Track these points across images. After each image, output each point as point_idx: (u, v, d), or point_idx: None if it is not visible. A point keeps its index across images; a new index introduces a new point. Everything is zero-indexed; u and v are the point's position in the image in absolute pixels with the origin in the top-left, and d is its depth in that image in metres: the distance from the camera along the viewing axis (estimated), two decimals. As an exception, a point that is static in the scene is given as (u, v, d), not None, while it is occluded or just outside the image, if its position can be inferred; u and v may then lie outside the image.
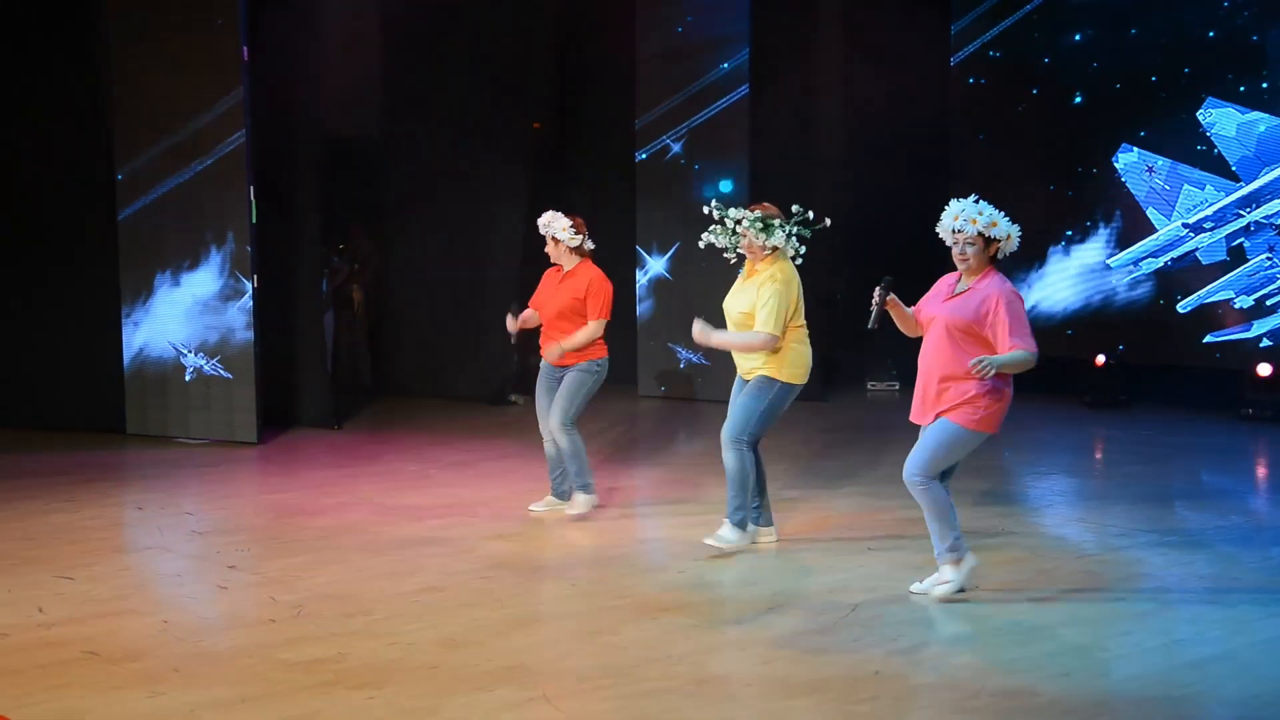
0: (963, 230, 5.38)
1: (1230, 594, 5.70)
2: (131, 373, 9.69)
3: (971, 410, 5.36)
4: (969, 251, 5.39)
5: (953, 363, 5.36)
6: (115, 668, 4.80)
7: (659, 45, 11.59)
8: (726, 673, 4.76)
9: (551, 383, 7.13)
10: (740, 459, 6.27)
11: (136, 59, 9.45)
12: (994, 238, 5.37)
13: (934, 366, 5.44)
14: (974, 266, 5.42)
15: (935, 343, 5.44)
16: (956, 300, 5.41)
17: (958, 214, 5.40)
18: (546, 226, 7.11)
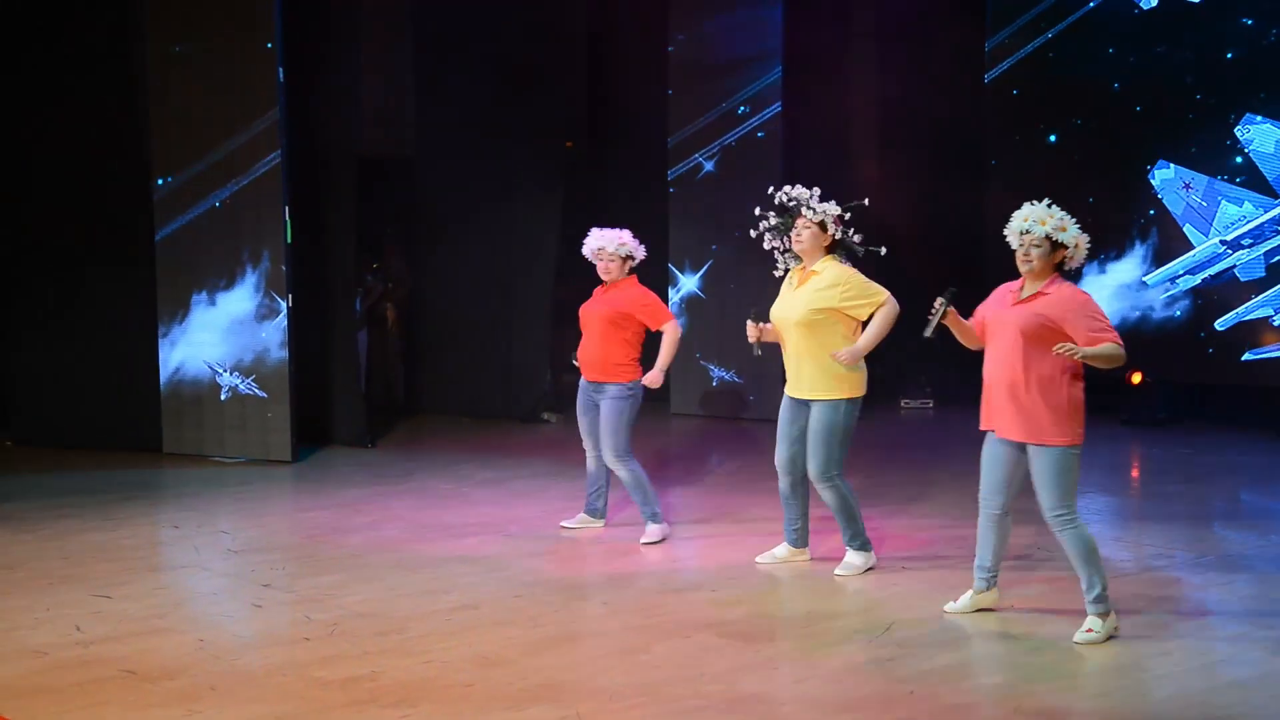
0: (1030, 232, 5.21)
1: (1270, 615, 5.63)
2: (168, 392, 9.77)
3: (1066, 426, 5.19)
4: (1034, 254, 5.21)
5: (1025, 370, 5.18)
6: (152, 686, 4.83)
7: (691, 63, 11.61)
8: (760, 692, 4.74)
9: (589, 402, 7.04)
10: (837, 492, 6.14)
11: (174, 79, 9.56)
12: (1061, 243, 5.21)
13: (1004, 374, 5.26)
14: (1038, 270, 5.23)
15: (1006, 350, 5.25)
16: (1026, 305, 5.23)
17: (1027, 215, 5.25)
18: (631, 250, 6.96)
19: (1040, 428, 5.22)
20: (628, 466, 6.92)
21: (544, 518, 7.61)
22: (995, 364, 5.33)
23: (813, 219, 6.08)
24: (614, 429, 6.88)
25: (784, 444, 6.26)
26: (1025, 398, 5.21)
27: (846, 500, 6.19)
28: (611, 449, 6.90)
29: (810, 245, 6.12)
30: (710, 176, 11.59)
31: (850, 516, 6.23)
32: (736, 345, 11.38)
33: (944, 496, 8.17)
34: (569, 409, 11.71)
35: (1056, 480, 5.21)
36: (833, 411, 6.07)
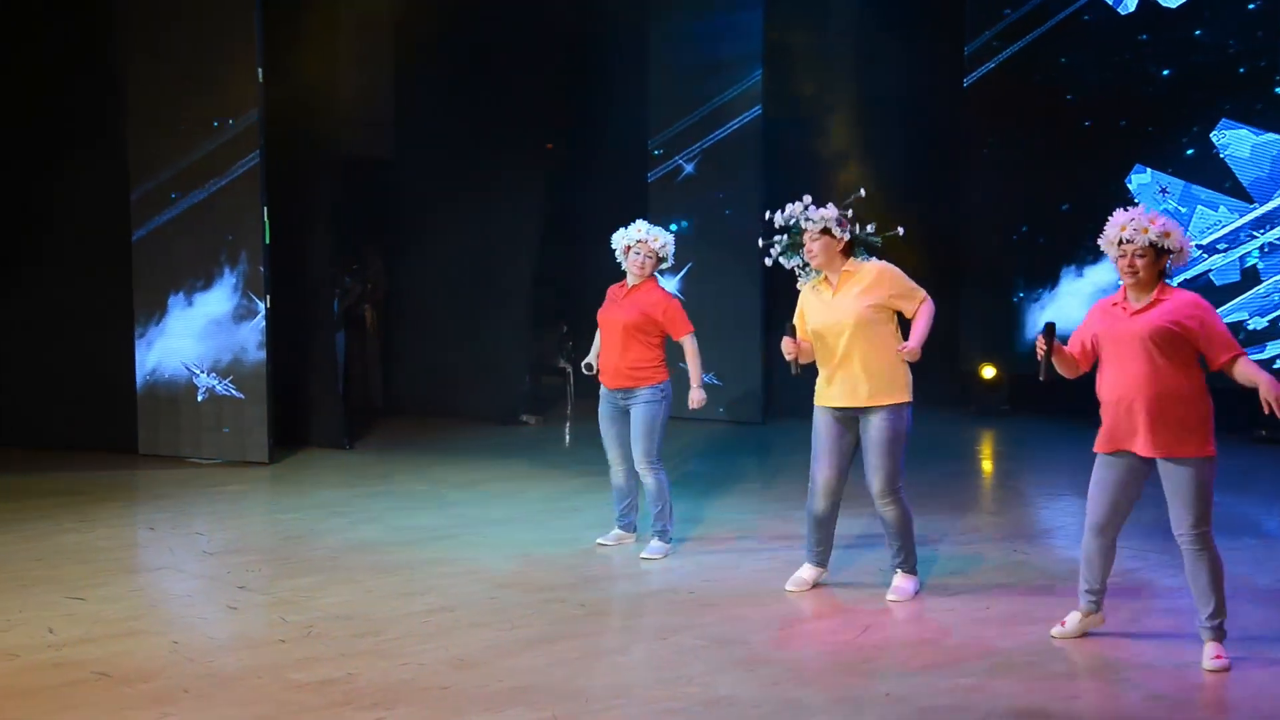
0: (1133, 240, 4.94)
1: (1242, 616, 5.66)
2: (144, 392, 9.73)
3: (1203, 437, 4.95)
4: (1139, 264, 4.92)
5: (1157, 384, 4.91)
6: (126, 689, 4.80)
7: (672, 65, 11.63)
8: (735, 694, 4.75)
9: (614, 411, 6.76)
10: (901, 508, 5.84)
11: (152, 79, 9.52)
12: (1167, 249, 4.94)
13: (1133, 390, 4.96)
14: (1144, 280, 4.94)
15: (1133, 365, 4.95)
16: (1151, 315, 4.93)
17: (1125, 223, 4.99)
18: (664, 245, 6.70)
19: (1178, 441, 4.93)
20: (657, 475, 6.69)
21: (522, 520, 7.61)
22: (1121, 382, 5.01)
23: (816, 230, 5.80)
24: (648, 432, 6.63)
25: (832, 461, 5.86)
26: (1161, 411, 4.93)
27: (908, 516, 5.90)
28: (644, 454, 6.65)
29: (825, 255, 5.79)
30: (691, 178, 11.60)
31: (908, 534, 5.92)
32: (715, 347, 11.45)
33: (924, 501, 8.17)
34: (548, 411, 11.72)
35: (1199, 494, 4.94)
36: (897, 417, 5.75)
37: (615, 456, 6.84)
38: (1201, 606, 5.04)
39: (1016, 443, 10.53)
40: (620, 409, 6.76)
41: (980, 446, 10.46)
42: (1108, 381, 5.08)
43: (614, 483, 6.93)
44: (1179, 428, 4.94)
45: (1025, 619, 5.61)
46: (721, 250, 11.28)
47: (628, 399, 6.71)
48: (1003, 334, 11.79)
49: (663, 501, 6.74)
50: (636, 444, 6.68)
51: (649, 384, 6.68)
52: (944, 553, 6.80)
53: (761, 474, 9.31)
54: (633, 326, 6.67)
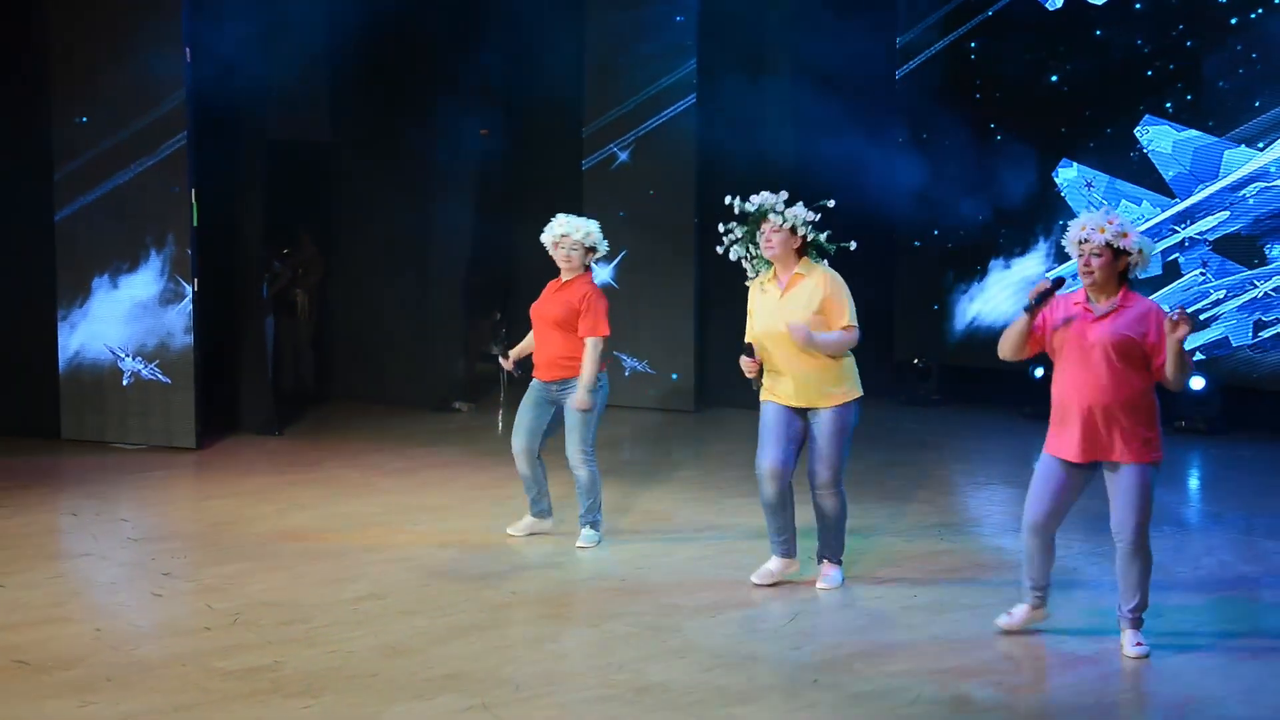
0: (1089, 240, 5.00)
1: (1161, 604, 5.78)
2: (67, 376, 9.54)
3: (1150, 444, 5.01)
4: (1094, 264, 4.99)
5: (1116, 391, 4.95)
6: (45, 677, 4.72)
7: (607, 53, 11.61)
8: (666, 680, 4.77)
9: (541, 402, 6.71)
10: (841, 500, 5.92)
11: (77, 56, 9.33)
12: (1124, 250, 5.00)
13: (1100, 397, 4.97)
14: (1100, 281, 5.01)
15: (1094, 372, 4.98)
16: (1109, 321, 4.99)
17: (1085, 223, 5.04)
18: (587, 234, 6.67)
19: (1130, 447, 5.00)
20: (590, 467, 6.66)
21: (453, 507, 7.58)
22: (1078, 386, 5.03)
23: (782, 224, 5.82)
24: (582, 424, 6.59)
25: (778, 447, 5.88)
26: (1124, 417, 4.98)
27: (845, 508, 5.97)
28: (579, 444, 6.61)
29: (782, 251, 5.82)
30: (625, 167, 11.60)
31: (842, 525, 5.98)
32: (649, 336, 11.48)
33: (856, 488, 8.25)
34: (481, 398, 11.66)
35: (1144, 497, 5.01)
36: (846, 411, 5.83)
37: (522, 446, 6.73)
38: (1127, 599, 5.14)
39: (946, 433, 10.66)
40: (550, 399, 6.72)
41: (910, 436, 10.58)
42: (1065, 384, 5.09)
43: (520, 472, 6.82)
44: (1131, 434, 5.00)
45: (952, 606, 5.69)
46: (655, 239, 11.30)
47: (562, 390, 6.67)
48: (933, 324, 11.94)
49: (594, 494, 6.73)
50: (571, 435, 6.64)
51: (581, 408, 6.60)
52: (873, 541, 6.87)
53: (694, 463, 9.35)
54: (561, 322, 6.64)
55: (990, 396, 11.33)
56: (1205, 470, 9.26)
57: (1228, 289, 10.30)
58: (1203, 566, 6.47)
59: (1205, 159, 10.31)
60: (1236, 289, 10.27)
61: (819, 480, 5.89)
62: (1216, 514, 7.83)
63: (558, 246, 6.70)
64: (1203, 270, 10.41)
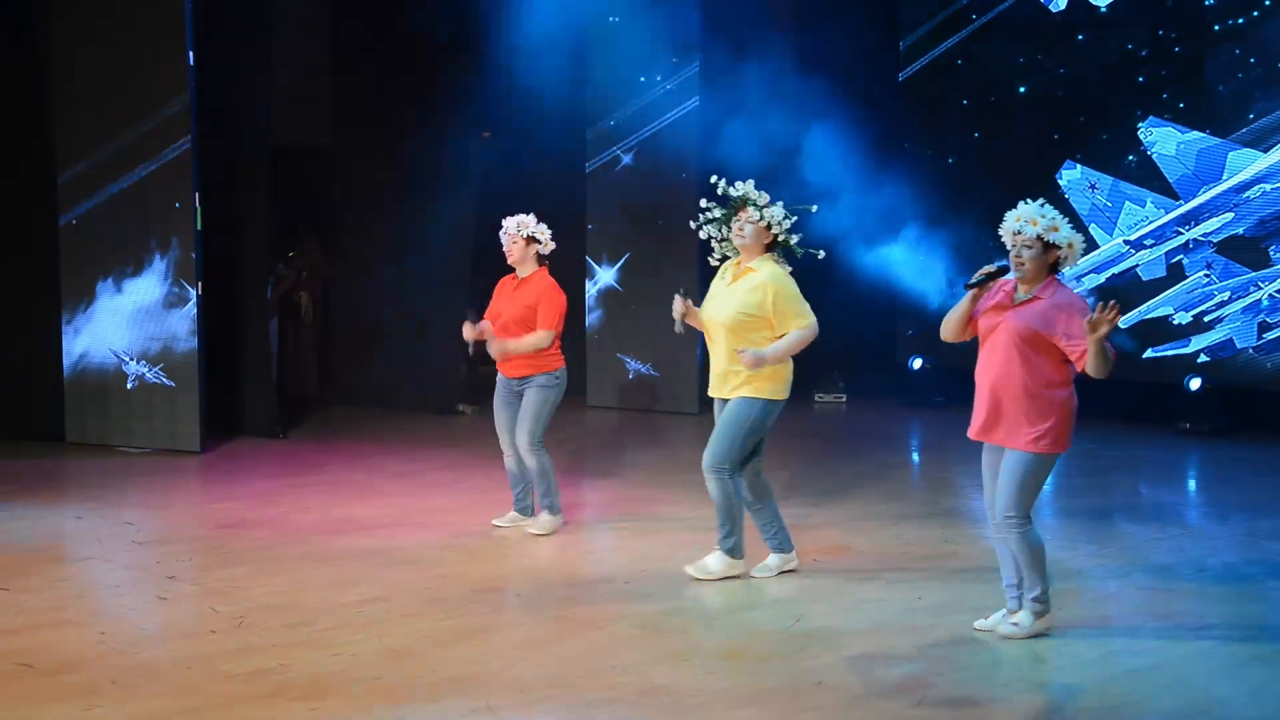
0: (1021, 232, 5.13)
1: (1166, 605, 5.79)
2: (72, 380, 9.55)
3: (1046, 432, 5.09)
4: (1025, 255, 5.11)
5: (1022, 378, 5.07)
6: (50, 680, 4.73)
7: (610, 55, 11.62)
8: (670, 683, 4.77)
9: (509, 396, 6.99)
10: (723, 487, 6.00)
11: (80, 60, 9.34)
12: (1054, 243, 5.11)
13: (1001, 382, 5.13)
14: (1030, 273, 5.12)
15: (1001, 357, 5.13)
16: (1023, 310, 5.12)
17: (1019, 215, 5.17)
18: (522, 227, 7.00)
19: (1015, 430, 5.10)
20: (539, 456, 6.91)
21: (457, 510, 7.58)
22: (987, 370, 5.19)
23: (759, 219, 5.96)
24: (535, 415, 6.87)
25: None
26: (1015, 403, 5.10)
27: (731, 498, 6.04)
28: (527, 435, 6.88)
29: (752, 241, 5.97)
30: (628, 169, 11.60)
31: (730, 515, 6.07)
32: (652, 338, 11.48)
33: (856, 490, 8.27)
34: (484, 401, 11.66)
35: (1021, 482, 5.11)
36: (748, 407, 5.95)
37: (506, 442, 7.03)
38: (1005, 576, 5.32)
39: (948, 434, 10.65)
40: (514, 394, 6.98)
41: (912, 438, 10.59)
42: (979, 367, 5.29)
43: (506, 467, 7.11)
44: (1023, 419, 5.12)
45: (956, 608, 5.68)
46: (659, 241, 11.30)
47: (522, 385, 6.94)
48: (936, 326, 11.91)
49: (548, 480, 6.97)
50: (522, 424, 6.89)
51: (543, 370, 6.92)
52: (876, 543, 6.87)
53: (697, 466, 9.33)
54: (520, 320, 6.90)
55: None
56: (1209, 472, 9.25)
57: (1232, 291, 10.30)
58: (1207, 568, 6.46)
59: (1209, 161, 10.31)
60: (1240, 291, 10.26)
61: (704, 462, 6.05)
62: (1220, 516, 7.82)
63: (529, 244, 7.04)
64: (1206, 272, 10.41)
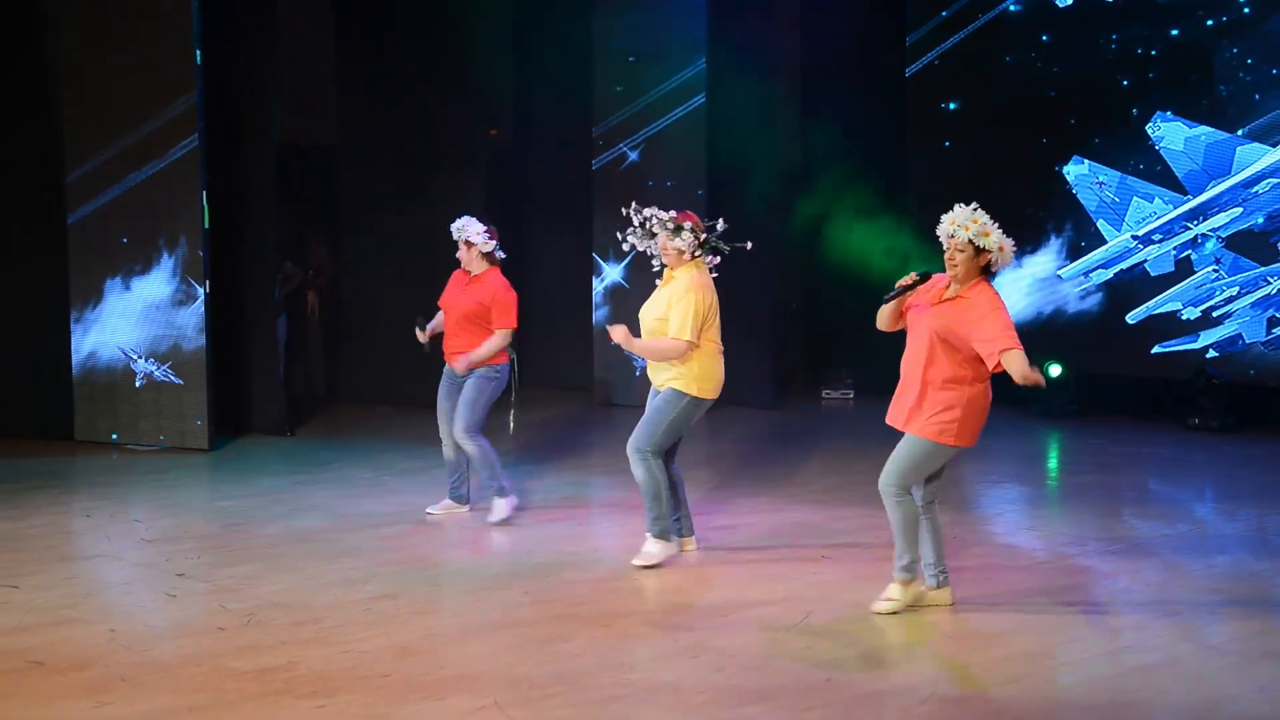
0: (955, 236, 5.34)
1: (1175, 601, 5.78)
2: (80, 378, 9.58)
3: (945, 423, 5.33)
4: (958, 258, 5.34)
5: (934, 369, 5.33)
6: (60, 678, 4.74)
7: (617, 52, 11.61)
8: (678, 680, 4.77)
9: (452, 388, 7.20)
10: (647, 469, 6.26)
11: (87, 60, 9.36)
12: (984, 248, 5.32)
13: (915, 371, 5.39)
14: (962, 275, 5.35)
15: (919, 347, 5.39)
16: (945, 306, 5.36)
17: (954, 219, 5.37)
18: (460, 230, 7.19)
19: (916, 420, 5.37)
20: (476, 442, 7.06)
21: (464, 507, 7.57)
22: (909, 359, 5.47)
23: (669, 241, 6.32)
24: (471, 404, 7.02)
25: None
26: (925, 392, 5.36)
27: (653, 481, 6.25)
28: (464, 423, 7.02)
29: (673, 258, 6.35)
30: (635, 166, 11.60)
31: (655, 498, 6.29)
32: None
33: (865, 487, 8.25)
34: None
35: (903, 459, 5.42)
36: (675, 399, 6.23)
37: (444, 431, 7.21)
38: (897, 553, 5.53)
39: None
40: (456, 386, 7.15)
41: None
42: (904, 356, 5.50)
43: (444, 455, 7.28)
44: (923, 410, 5.35)
45: (965, 604, 5.68)
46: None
47: (465, 376, 7.09)
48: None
49: (489, 465, 7.09)
50: (459, 412, 7.05)
51: (488, 364, 7.06)
52: (885, 540, 6.86)
53: (704, 463, 9.35)
54: (472, 315, 7.08)
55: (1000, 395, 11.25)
56: (1218, 468, 9.23)
57: (1241, 286, 10.27)
58: (1216, 564, 6.45)
59: (1217, 155, 10.28)
60: (1250, 286, 10.23)
61: (628, 446, 6.28)
62: (1229, 512, 7.80)
63: (469, 247, 7.21)
64: (1215, 267, 10.38)
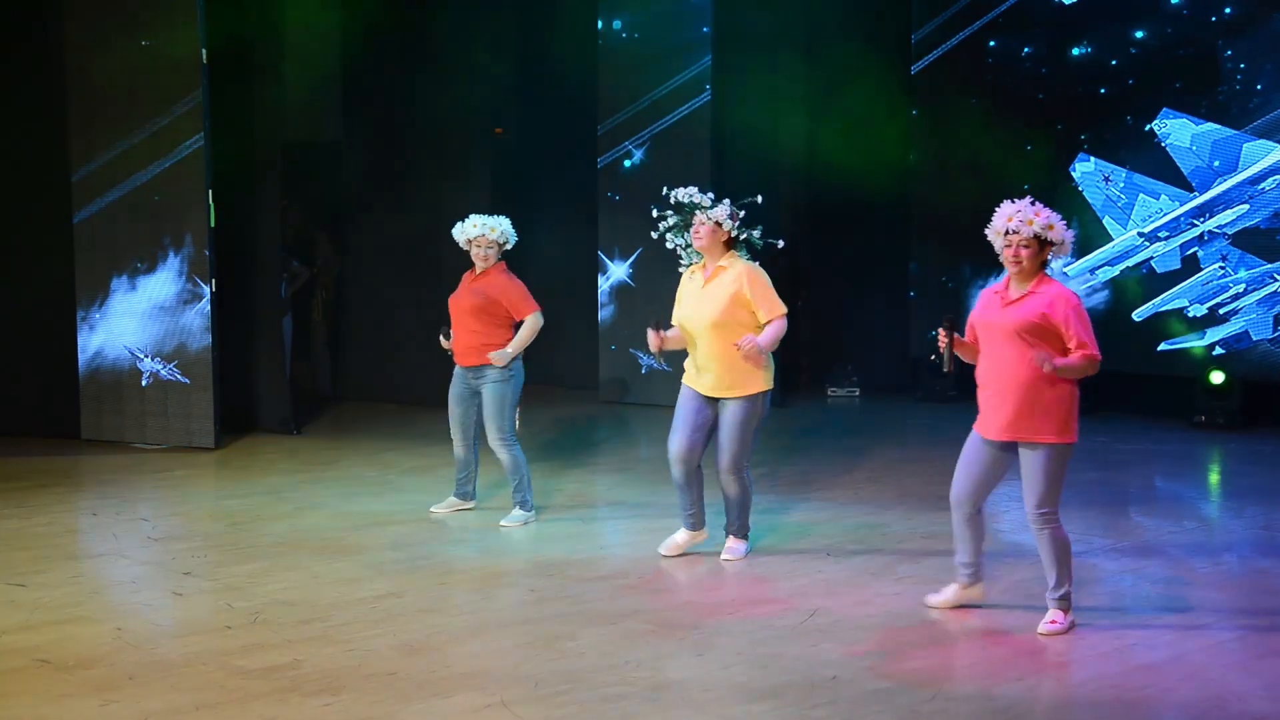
0: (1018, 232, 5.14)
1: (1182, 599, 5.77)
2: (86, 377, 9.59)
3: (1065, 419, 5.16)
4: (1024, 254, 5.13)
5: (1027, 373, 5.11)
6: (67, 676, 4.75)
7: (622, 50, 11.61)
8: (684, 678, 4.77)
9: (464, 389, 7.11)
10: (743, 484, 6.25)
11: (93, 59, 9.37)
12: (1050, 241, 5.15)
13: (999, 377, 5.19)
14: (1027, 270, 5.17)
15: (1004, 355, 5.18)
16: (1019, 305, 5.16)
17: (1012, 214, 5.17)
18: (462, 233, 7.16)
19: (1035, 426, 5.15)
20: (511, 451, 7.01)
21: (470, 505, 7.58)
22: (991, 369, 5.26)
23: (705, 222, 6.18)
24: (498, 411, 6.96)
25: (685, 433, 6.24)
26: (1022, 398, 5.14)
27: (747, 493, 6.33)
28: (497, 431, 6.97)
29: (709, 241, 6.17)
30: (640, 164, 11.59)
31: (745, 509, 6.37)
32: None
33: (872, 485, 8.26)
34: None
35: (1047, 478, 5.19)
36: (751, 404, 6.14)
37: (456, 431, 7.19)
38: (1048, 578, 5.30)
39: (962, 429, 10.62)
40: (470, 388, 7.09)
41: (925, 432, 10.56)
42: (981, 367, 5.35)
43: (455, 454, 7.28)
44: (1040, 415, 5.17)
45: (972, 603, 5.66)
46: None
47: (478, 378, 7.04)
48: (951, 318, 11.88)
49: (519, 474, 7.05)
50: (489, 423, 6.99)
51: (498, 363, 6.97)
52: (889, 537, 6.86)
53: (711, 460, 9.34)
54: (477, 309, 7.03)
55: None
56: (1225, 465, 9.22)
57: (1247, 283, 10.25)
58: (1223, 562, 6.44)
59: (1224, 152, 10.26)
60: (1256, 282, 10.21)
61: (720, 466, 6.23)
62: (1236, 509, 7.79)
63: (474, 245, 7.14)
64: (1221, 264, 10.36)
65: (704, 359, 6.17)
